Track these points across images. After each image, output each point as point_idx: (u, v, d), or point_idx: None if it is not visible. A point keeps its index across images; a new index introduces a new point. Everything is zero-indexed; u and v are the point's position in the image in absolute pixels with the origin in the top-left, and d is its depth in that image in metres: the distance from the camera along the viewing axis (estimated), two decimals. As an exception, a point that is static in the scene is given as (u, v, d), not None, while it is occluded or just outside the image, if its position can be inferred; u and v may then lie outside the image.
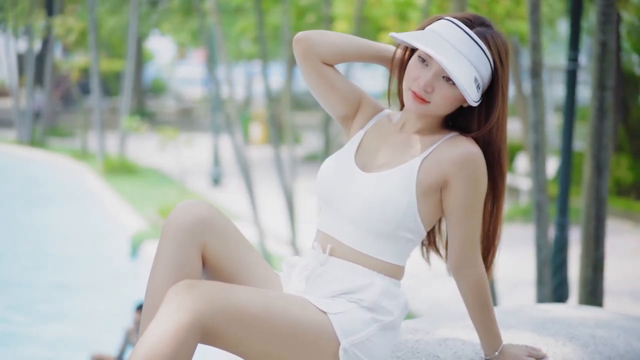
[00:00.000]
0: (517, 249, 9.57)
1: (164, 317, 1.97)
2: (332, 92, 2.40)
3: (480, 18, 2.25)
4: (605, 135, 4.24)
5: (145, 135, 19.05)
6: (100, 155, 16.91)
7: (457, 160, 2.22)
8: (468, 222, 2.24)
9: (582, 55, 6.32)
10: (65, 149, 19.41)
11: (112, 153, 17.43)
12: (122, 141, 16.88)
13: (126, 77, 17.26)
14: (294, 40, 2.36)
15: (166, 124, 21.69)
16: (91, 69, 17.80)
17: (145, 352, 1.93)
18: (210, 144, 16.09)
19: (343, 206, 2.29)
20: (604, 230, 4.29)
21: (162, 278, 2.14)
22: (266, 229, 10.12)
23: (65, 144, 20.55)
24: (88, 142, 19.38)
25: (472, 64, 2.19)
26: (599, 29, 4.09)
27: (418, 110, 2.25)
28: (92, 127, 19.32)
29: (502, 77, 2.25)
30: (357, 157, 2.35)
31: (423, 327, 2.55)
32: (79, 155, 18.26)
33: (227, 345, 2.07)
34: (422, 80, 2.22)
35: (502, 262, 8.84)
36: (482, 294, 2.27)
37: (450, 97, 2.23)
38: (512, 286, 8.26)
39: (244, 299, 2.07)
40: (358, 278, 2.25)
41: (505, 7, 10.24)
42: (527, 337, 2.50)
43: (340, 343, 2.16)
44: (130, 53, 17.06)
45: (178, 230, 2.18)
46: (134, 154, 18.36)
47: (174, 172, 16.01)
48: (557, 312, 2.85)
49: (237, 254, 2.27)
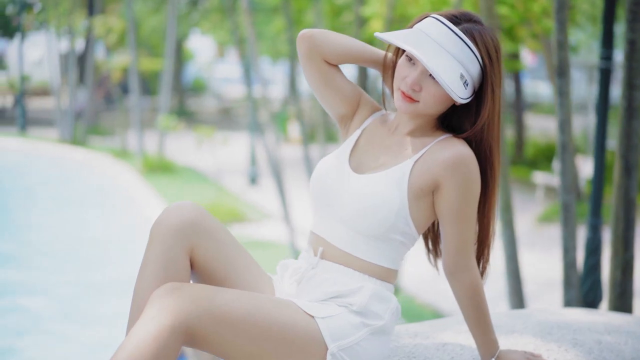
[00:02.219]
0: (554, 250, 9.46)
1: (147, 319, 1.96)
2: (333, 91, 2.37)
3: (468, 14, 2.21)
4: (635, 135, 4.16)
5: (184, 134, 19.19)
6: (139, 154, 17.04)
7: (448, 163, 2.18)
8: (461, 226, 2.20)
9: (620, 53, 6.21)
10: (105, 148, 19.58)
11: (151, 152, 17.56)
12: (161, 140, 16.99)
13: (165, 76, 17.37)
14: (298, 37, 2.34)
15: (206, 123, 21.83)
16: (130, 69, 17.95)
17: (126, 354, 1.91)
18: (248, 143, 16.15)
19: (335, 208, 2.26)
20: (634, 231, 4.20)
21: (149, 280, 2.12)
22: (298, 228, 10.12)
23: (106, 143, 20.73)
24: (128, 140, 19.55)
25: (457, 60, 2.15)
26: (628, 27, 4.01)
27: (408, 110, 2.22)
28: (132, 126, 19.50)
29: (492, 74, 2.20)
30: (352, 158, 2.33)
31: (424, 331, 2.51)
32: (118, 154, 18.42)
33: (213, 348, 2.04)
34: (409, 79, 2.19)
35: (537, 263, 8.74)
36: (477, 298, 2.22)
37: (439, 96, 2.19)
38: (545, 287, 8.17)
39: (229, 302, 2.05)
40: (348, 281, 2.22)
41: (541, 6, 10.12)
42: (530, 342, 2.45)
43: (328, 347, 2.13)
44: (168, 52, 17.16)
45: (166, 232, 2.16)
46: (172, 152, 18.48)
47: (211, 171, 16.09)
48: (569, 316, 2.79)
49: (227, 257, 2.24)
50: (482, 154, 2.25)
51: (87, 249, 10.90)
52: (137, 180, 15.41)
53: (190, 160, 17.84)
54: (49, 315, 8.21)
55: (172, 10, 17.01)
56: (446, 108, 2.24)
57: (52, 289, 9.02)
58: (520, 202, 13.02)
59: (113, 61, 23.14)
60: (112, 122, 24.12)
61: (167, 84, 17.24)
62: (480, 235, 2.32)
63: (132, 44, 17.39)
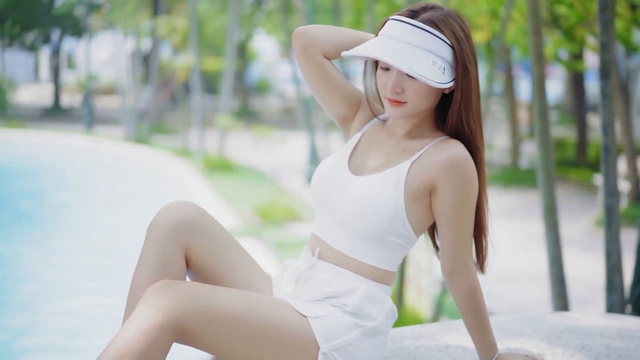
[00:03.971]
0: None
1: (137, 315, 1.99)
2: (332, 89, 2.38)
3: (425, 5, 2.23)
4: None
5: (244, 134, 19.35)
6: (200, 153, 17.25)
7: (444, 165, 2.18)
8: (458, 227, 2.20)
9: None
10: (168, 147, 19.87)
11: (212, 151, 17.76)
12: (221, 139, 17.16)
13: (226, 76, 17.54)
14: (293, 35, 2.36)
15: (269, 123, 21.98)
16: (192, 69, 18.17)
17: (116, 349, 1.95)
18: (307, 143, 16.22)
19: (333, 209, 2.28)
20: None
21: (144, 279, 2.16)
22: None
23: (169, 142, 21.03)
24: (190, 139, 19.80)
25: (425, 50, 2.16)
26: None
27: (399, 114, 2.23)
28: (194, 125, 19.73)
29: (462, 53, 2.20)
30: (351, 160, 2.34)
31: (429, 332, 2.51)
32: (180, 153, 18.67)
33: (205, 346, 2.07)
34: (389, 85, 2.21)
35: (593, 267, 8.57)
36: (474, 300, 2.22)
37: (421, 90, 2.20)
38: (596, 291, 8.02)
39: (222, 300, 2.07)
40: (344, 282, 2.23)
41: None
42: (535, 346, 2.43)
43: (320, 347, 2.14)
44: (229, 52, 17.32)
45: (161, 231, 2.19)
46: (233, 151, 18.65)
47: (269, 170, 16.20)
48: (584, 321, 2.75)
49: (223, 256, 2.27)
50: (465, 136, 2.25)
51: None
52: (196, 178, 15.60)
53: (249, 159, 17.99)
54: (113, 315, 8.29)
55: (233, 10, 17.17)
56: (436, 100, 2.25)
57: (116, 289, 9.16)
58: (581, 205, 12.82)
59: (177, 61, 23.45)
60: (176, 121, 24.46)
61: (229, 84, 17.40)
62: (475, 223, 2.29)
63: (194, 43, 17.60)
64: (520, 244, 9.92)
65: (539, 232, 8.59)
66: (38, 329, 7.35)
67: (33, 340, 7.02)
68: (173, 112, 27.09)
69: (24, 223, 11.71)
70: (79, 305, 8.27)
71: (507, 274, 8.60)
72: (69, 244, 10.75)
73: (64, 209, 12.99)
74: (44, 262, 9.43)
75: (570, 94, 24.73)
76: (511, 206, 12.75)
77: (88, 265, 9.87)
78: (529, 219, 11.34)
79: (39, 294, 8.25)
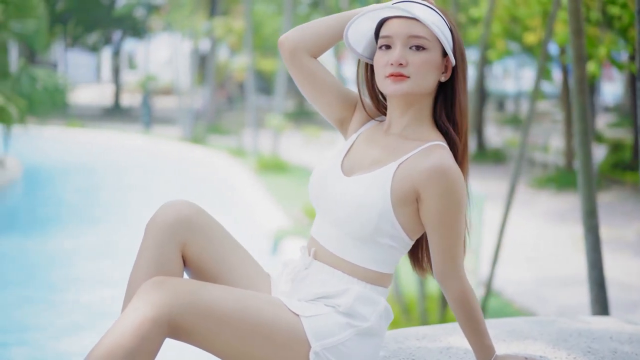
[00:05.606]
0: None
1: (130, 311, 2.03)
2: (326, 92, 2.39)
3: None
4: None
5: (297, 134, 19.43)
6: (254, 153, 17.38)
7: (428, 173, 2.18)
8: (446, 235, 2.19)
9: None
10: (223, 147, 20.06)
11: (266, 150, 17.88)
12: (275, 139, 17.27)
13: (280, 77, 17.64)
14: (278, 45, 2.37)
15: (324, 124, 22.01)
16: (247, 69, 18.31)
17: (107, 343, 1.99)
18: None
19: (327, 210, 2.29)
20: None
21: (140, 275, 2.20)
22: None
23: (225, 142, 21.21)
24: (245, 139, 19.96)
25: (432, 23, 2.20)
26: None
27: (402, 90, 2.22)
28: (248, 125, 19.88)
29: (459, 39, 2.25)
30: (344, 161, 2.34)
31: (433, 333, 2.50)
32: (235, 153, 18.84)
33: (197, 341, 2.10)
34: (393, 58, 2.22)
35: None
36: (467, 305, 2.22)
37: (426, 63, 2.21)
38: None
39: (215, 296, 2.10)
40: (337, 284, 2.25)
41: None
42: (539, 349, 2.41)
43: (311, 346, 2.16)
44: (283, 53, 17.39)
45: (158, 229, 2.23)
46: (286, 151, 18.75)
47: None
48: (596, 324, 2.72)
49: (221, 254, 2.30)
50: (448, 130, 2.27)
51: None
52: (249, 178, 15.72)
53: (302, 159, 18.07)
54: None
55: (288, 11, 17.26)
56: (436, 78, 2.25)
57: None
58: (637, 208, 12.61)
59: (234, 62, 23.64)
60: (232, 121, 24.67)
61: (283, 84, 17.49)
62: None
63: (249, 44, 17.73)
64: (569, 248, 9.79)
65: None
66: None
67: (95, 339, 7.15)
68: (229, 113, 27.31)
69: (83, 220, 11.92)
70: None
71: (555, 277, 8.51)
72: (123, 243, 10.92)
73: (121, 207, 13.22)
74: (105, 259, 9.54)
75: (628, 95, 24.30)
76: (563, 209, 12.59)
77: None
78: (580, 222, 11.18)
79: (101, 293, 8.35)
